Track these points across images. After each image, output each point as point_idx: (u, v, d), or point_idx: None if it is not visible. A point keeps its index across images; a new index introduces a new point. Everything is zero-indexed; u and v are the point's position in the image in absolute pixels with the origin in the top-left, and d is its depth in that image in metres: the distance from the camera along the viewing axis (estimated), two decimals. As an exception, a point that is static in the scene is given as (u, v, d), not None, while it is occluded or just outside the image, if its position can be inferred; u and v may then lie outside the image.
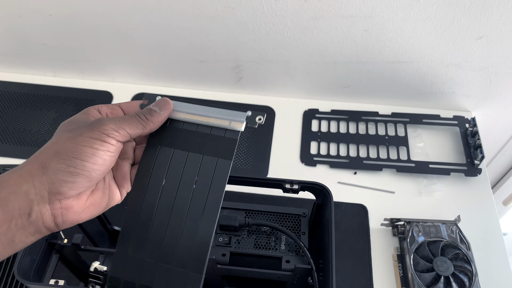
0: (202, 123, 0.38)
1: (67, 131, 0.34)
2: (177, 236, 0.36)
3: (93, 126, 0.34)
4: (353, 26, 0.76)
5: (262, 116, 0.39)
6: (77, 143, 0.33)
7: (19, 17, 0.84)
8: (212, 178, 0.37)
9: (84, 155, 0.32)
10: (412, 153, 0.83)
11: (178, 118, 0.39)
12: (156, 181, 0.37)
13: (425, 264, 0.65)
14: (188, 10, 0.77)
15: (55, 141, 0.34)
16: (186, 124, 0.39)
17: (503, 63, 0.79)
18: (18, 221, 0.30)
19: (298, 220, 0.60)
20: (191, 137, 0.38)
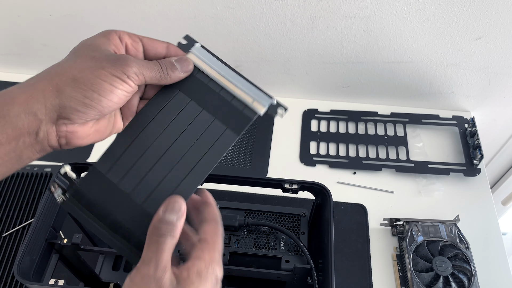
0: (227, 89, 0.38)
1: (88, 58, 0.33)
2: (157, 181, 0.35)
3: (116, 63, 0.33)
4: (353, 26, 0.76)
5: (284, 111, 0.38)
6: (98, 76, 0.32)
7: (19, 17, 0.84)
8: (214, 143, 0.36)
9: (102, 90, 0.32)
10: (411, 153, 0.83)
11: (207, 73, 0.38)
12: (161, 120, 0.37)
13: (424, 264, 0.65)
14: (188, 10, 0.77)
15: (73, 64, 0.33)
16: (212, 82, 0.38)
17: (502, 63, 0.79)
18: (26, 138, 0.31)
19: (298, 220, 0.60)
20: (211, 96, 0.37)
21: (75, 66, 0.33)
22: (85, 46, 0.35)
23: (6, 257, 0.70)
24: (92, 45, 0.35)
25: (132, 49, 0.37)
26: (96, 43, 0.35)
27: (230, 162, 0.83)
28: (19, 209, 0.75)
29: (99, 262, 0.68)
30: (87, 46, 0.35)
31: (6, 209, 0.75)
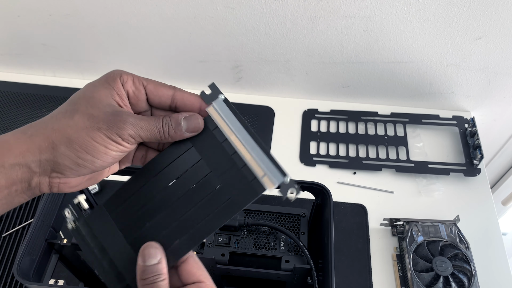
0: (240, 154, 0.35)
1: (85, 115, 0.32)
2: (154, 235, 0.35)
3: (112, 124, 0.32)
4: (353, 26, 0.76)
5: (296, 192, 0.34)
6: (93, 137, 0.32)
7: (19, 17, 0.84)
8: (214, 211, 0.35)
9: (96, 153, 0.32)
10: (411, 153, 0.83)
11: (223, 132, 0.36)
12: (170, 173, 0.36)
13: (424, 264, 0.65)
14: (188, 10, 0.77)
15: (70, 122, 0.32)
16: (226, 143, 0.36)
17: (502, 63, 0.79)
18: (19, 187, 0.32)
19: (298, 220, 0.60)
20: (222, 158, 0.35)
21: (71, 125, 0.32)
22: (86, 99, 0.33)
23: (6, 257, 0.69)
24: (92, 99, 0.33)
25: (134, 97, 0.35)
26: (97, 97, 0.33)
27: (230, 162, 0.83)
28: (19, 209, 0.75)
29: (99, 262, 0.67)
30: (88, 99, 0.33)
31: (6, 209, 0.75)
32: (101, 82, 0.34)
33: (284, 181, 0.34)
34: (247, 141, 0.36)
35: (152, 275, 0.33)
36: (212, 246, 0.56)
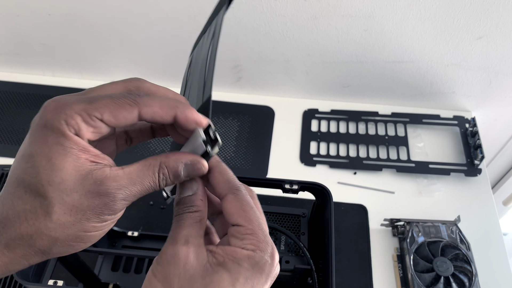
0: None
1: (66, 210, 0.26)
2: None
3: (101, 209, 0.26)
4: (353, 26, 0.76)
5: None
6: (85, 230, 0.26)
7: (18, 17, 0.84)
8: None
9: (93, 238, 0.28)
10: (412, 153, 0.83)
11: None
12: None
13: (425, 265, 0.65)
14: (188, 9, 0.76)
15: (50, 224, 0.26)
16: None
17: (503, 63, 0.79)
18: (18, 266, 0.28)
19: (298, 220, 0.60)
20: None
21: (53, 227, 0.26)
22: (54, 184, 0.25)
23: (5, 257, 0.69)
24: (60, 182, 0.25)
25: (95, 138, 0.27)
26: (62, 175, 0.25)
27: (230, 162, 0.83)
28: (18, 209, 0.74)
29: (98, 262, 0.67)
30: (57, 185, 0.25)
31: (5, 209, 0.74)
32: (51, 148, 0.25)
33: None
34: None
35: (183, 206, 0.30)
36: (212, 246, 0.56)
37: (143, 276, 0.67)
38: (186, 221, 0.29)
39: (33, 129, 0.26)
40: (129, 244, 0.70)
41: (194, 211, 0.30)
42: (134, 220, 0.74)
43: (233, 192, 0.30)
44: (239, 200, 0.30)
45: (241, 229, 0.29)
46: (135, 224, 0.73)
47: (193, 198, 0.30)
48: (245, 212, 0.29)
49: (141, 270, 0.67)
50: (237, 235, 0.29)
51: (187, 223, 0.29)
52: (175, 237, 0.28)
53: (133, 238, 0.70)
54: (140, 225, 0.73)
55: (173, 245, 0.28)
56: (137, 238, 0.70)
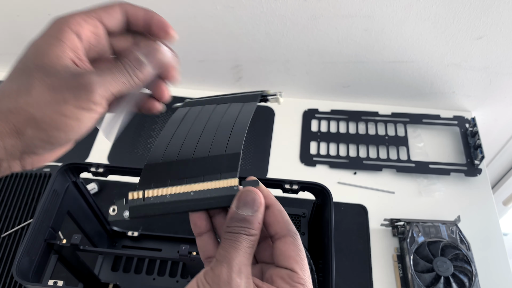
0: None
1: (44, 87, 0.28)
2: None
3: (78, 90, 0.28)
4: (353, 26, 0.76)
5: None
6: (61, 113, 0.27)
7: (18, 17, 0.84)
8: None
9: (69, 128, 0.28)
10: (412, 153, 0.83)
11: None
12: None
13: (425, 265, 0.65)
14: (188, 10, 0.76)
15: (28, 99, 0.27)
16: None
17: (503, 63, 0.79)
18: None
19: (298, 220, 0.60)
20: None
21: (32, 103, 0.27)
22: (37, 66, 0.29)
23: (5, 257, 0.69)
24: (45, 65, 0.28)
25: (94, 40, 0.32)
26: (49, 61, 0.29)
27: (230, 162, 0.83)
28: (18, 210, 0.75)
29: (98, 262, 0.67)
30: (40, 66, 0.29)
31: (5, 210, 0.74)
32: (48, 39, 0.30)
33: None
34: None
35: (239, 226, 0.29)
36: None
37: (143, 276, 0.67)
38: (242, 244, 0.28)
39: (46, 26, 0.31)
40: (129, 244, 0.71)
41: (250, 234, 0.29)
42: (134, 220, 0.74)
43: (292, 235, 0.30)
44: (296, 246, 0.30)
45: (294, 275, 0.29)
46: (135, 224, 0.73)
47: (253, 219, 0.29)
48: (302, 260, 0.30)
49: (141, 270, 0.67)
50: (288, 281, 0.29)
51: (243, 246, 0.28)
52: (231, 262, 0.28)
53: (133, 238, 0.70)
54: (140, 225, 0.73)
55: (229, 270, 0.27)
56: (137, 238, 0.70)
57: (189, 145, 0.36)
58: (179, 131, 0.38)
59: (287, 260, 0.29)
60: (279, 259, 0.30)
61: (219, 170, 0.33)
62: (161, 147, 0.36)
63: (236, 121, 0.38)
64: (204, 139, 0.37)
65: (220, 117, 0.39)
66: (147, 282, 0.66)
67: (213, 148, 0.36)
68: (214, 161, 0.34)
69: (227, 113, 0.40)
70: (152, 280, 0.66)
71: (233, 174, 0.33)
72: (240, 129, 0.37)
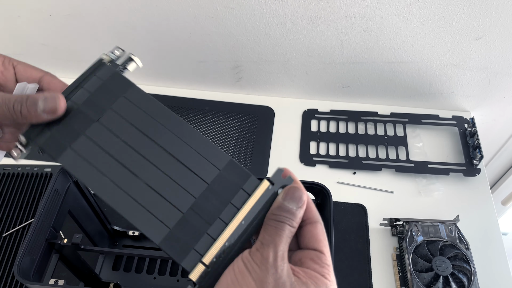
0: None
1: None
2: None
3: None
4: (352, 27, 0.76)
5: None
6: None
7: (19, 17, 0.84)
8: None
9: None
10: (411, 153, 0.83)
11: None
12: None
13: (424, 264, 0.65)
14: (188, 10, 0.77)
15: None
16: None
17: (502, 63, 0.79)
18: None
19: (298, 220, 0.60)
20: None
21: None
22: None
23: (6, 257, 0.70)
24: None
25: (1, 77, 0.34)
26: None
27: (230, 162, 0.83)
28: (19, 209, 0.75)
29: (99, 262, 0.68)
30: None
31: (6, 209, 0.75)
32: None
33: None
34: (241, 234, 0.31)
35: (284, 215, 0.31)
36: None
37: (143, 276, 0.67)
38: (285, 232, 0.30)
39: None
40: (130, 244, 0.71)
41: (293, 226, 0.31)
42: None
43: (321, 222, 0.33)
44: (324, 232, 0.33)
45: (322, 257, 0.31)
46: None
47: (297, 213, 0.31)
48: (328, 245, 0.32)
49: (142, 269, 0.68)
50: (319, 261, 0.31)
51: (286, 235, 0.30)
52: (276, 247, 0.29)
53: (134, 238, 0.70)
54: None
55: (275, 255, 0.29)
56: (138, 237, 0.70)
57: (176, 195, 0.31)
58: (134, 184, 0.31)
59: (317, 243, 0.32)
60: (309, 241, 0.32)
61: (236, 186, 0.32)
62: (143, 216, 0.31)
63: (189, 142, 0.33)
64: (183, 179, 0.32)
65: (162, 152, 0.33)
66: (148, 281, 0.66)
67: (203, 175, 0.32)
68: (222, 184, 0.32)
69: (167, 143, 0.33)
70: (152, 280, 0.67)
71: (252, 179, 0.32)
72: (204, 143, 0.33)
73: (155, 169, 0.32)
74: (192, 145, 0.33)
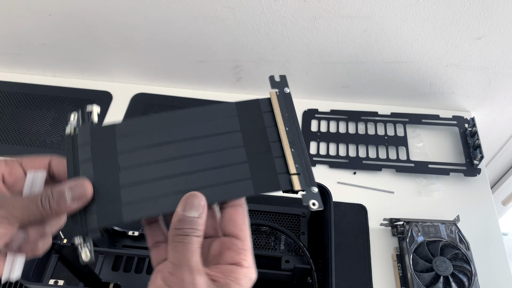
0: (282, 144, 0.34)
1: None
2: (152, 177, 0.32)
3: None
4: (353, 26, 0.76)
5: (318, 205, 0.32)
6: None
7: (19, 17, 0.84)
8: (228, 183, 0.33)
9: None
10: (411, 153, 0.83)
11: (276, 118, 0.35)
12: (203, 128, 0.35)
13: (425, 264, 0.65)
14: (188, 10, 0.77)
15: None
16: (271, 129, 0.35)
17: (502, 63, 0.79)
18: None
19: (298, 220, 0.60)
20: (261, 141, 0.35)
21: None
22: None
23: (6, 257, 0.69)
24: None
25: (10, 178, 0.33)
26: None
27: (230, 162, 0.83)
28: (19, 209, 0.75)
29: (98, 262, 0.68)
30: None
31: (6, 209, 0.75)
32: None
33: (312, 189, 0.32)
34: (293, 137, 0.34)
35: (188, 227, 0.30)
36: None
37: (143, 276, 0.67)
38: (194, 245, 0.30)
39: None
40: (130, 244, 0.71)
41: (198, 235, 0.30)
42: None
43: (241, 205, 0.32)
44: (245, 216, 0.32)
45: (239, 243, 0.31)
46: (136, 223, 0.73)
47: (199, 221, 0.30)
48: (246, 229, 0.32)
49: (142, 269, 0.68)
50: (235, 249, 0.31)
51: (195, 247, 0.30)
52: (190, 264, 0.29)
53: (133, 238, 0.70)
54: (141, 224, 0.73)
55: (190, 273, 0.29)
56: (138, 237, 0.70)
57: None
58: None
59: (234, 227, 0.32)
60: (227, 225, 0.32)
61: (259, 116, 0.34)
62: None
63: None
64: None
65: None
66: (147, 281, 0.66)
67: (230, 128, 0.34)
68: (249, 124, 0.34)
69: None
70: (152, 280, 0.66)
71: (263, 100, 0.36)
72: (208, 113, 0.35)
73: (196, 157, 0.33)
74: (203, 122, 0.34)
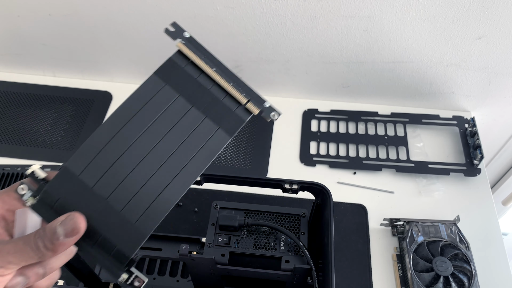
0: (220, 85, 0.35)
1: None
2: (139, 185, 0.32)
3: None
4: (353, 26, 0.76)
5: (277, 114, 0.36)
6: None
7: (19, 17, 0.84)
8: (205, 144, 0.33)
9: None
10: (411, 153, 0.83)
11: (199, 65, 0.35)
12: (145, 116, 0.33)
13: (425, 264, 0.65)
14: (188, 10, 0.77)
15: None
16: (202, 76, 0.35)
17: (503, 63, 0.79)
18: None
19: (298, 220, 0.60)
20: (201, 92, 0.35)
21: None
22: None
23: (5, 257, 0.69)
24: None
25: (10, 214, 0.32)
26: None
27: (230, 162, 0.83)
28: (18, 209, 0.75)
29: (98, 262, 0.67)
30: None
31: (6, 209, 0.75)
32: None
33: (265, 105, 0.36)
34: (223, 72, 0.35)
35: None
36: (212, 246, 0.56)
37: (143, 276, 0.67)
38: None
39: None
40: (130, 244, 0.71)
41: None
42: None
43: None
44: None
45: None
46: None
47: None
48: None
49: (142, 270, 0.68)
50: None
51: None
52: None
53: (133, 238, 0.70)
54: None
55: None
56: (138, 237, 0.70)
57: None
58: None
59: None
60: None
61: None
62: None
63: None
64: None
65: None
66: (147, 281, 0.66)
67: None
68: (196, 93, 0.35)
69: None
70: (152, 280, 0.66)
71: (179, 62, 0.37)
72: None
73: (162, 143, 0.33)
74: (144, 110, 0.35)
